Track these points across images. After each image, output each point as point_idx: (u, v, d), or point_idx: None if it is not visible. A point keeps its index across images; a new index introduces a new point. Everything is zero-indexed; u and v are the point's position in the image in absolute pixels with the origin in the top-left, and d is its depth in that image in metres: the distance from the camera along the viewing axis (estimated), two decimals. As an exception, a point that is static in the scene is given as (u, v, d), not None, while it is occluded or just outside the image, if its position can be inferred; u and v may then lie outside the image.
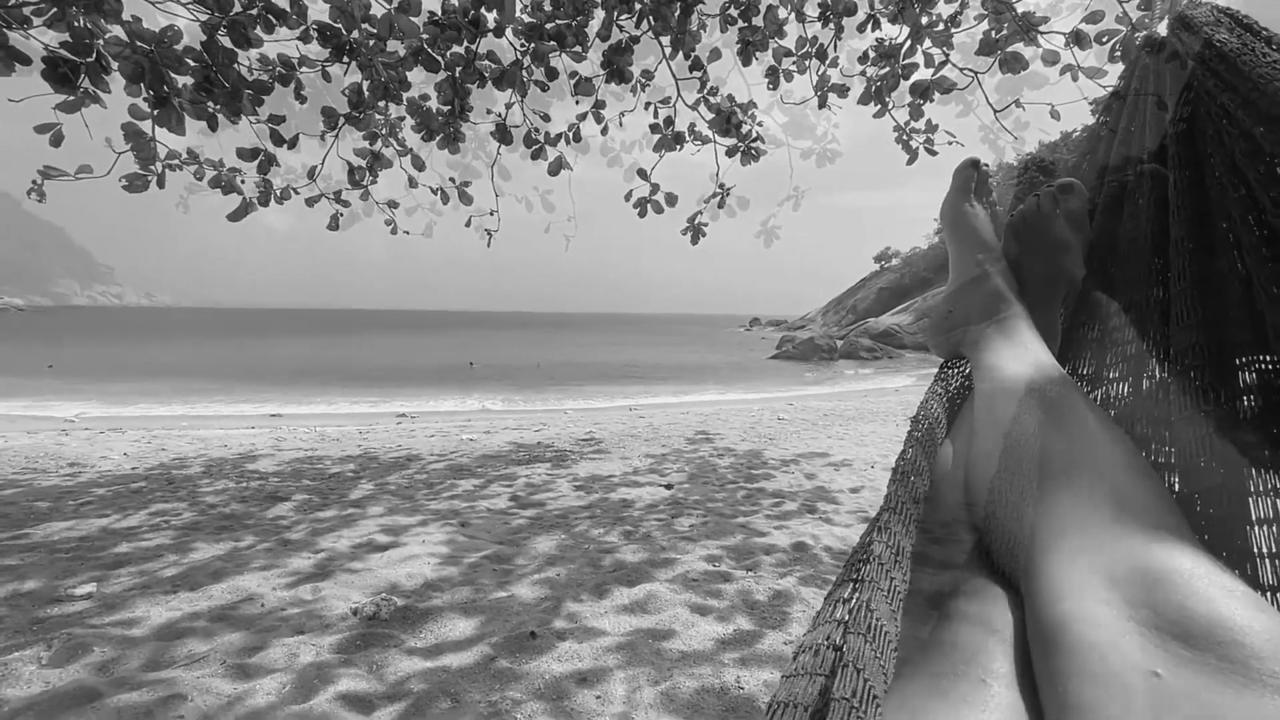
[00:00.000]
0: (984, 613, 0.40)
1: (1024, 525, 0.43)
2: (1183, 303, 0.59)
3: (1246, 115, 0.60)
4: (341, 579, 2.58)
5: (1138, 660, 0.31)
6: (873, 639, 0.32)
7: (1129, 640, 0.32)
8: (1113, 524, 0.39)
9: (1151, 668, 0.30)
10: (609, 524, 3.39)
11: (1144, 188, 0.73)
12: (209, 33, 2.78)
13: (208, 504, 3.78)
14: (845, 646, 0.32)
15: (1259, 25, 0.77)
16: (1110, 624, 0.33)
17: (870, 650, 0.32)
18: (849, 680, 0.30)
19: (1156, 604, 0.33)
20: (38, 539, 3.10)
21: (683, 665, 1.94)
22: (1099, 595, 0.35)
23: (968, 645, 0.38)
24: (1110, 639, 0.32)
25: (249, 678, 1.84)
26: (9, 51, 2.38)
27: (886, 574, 0.38)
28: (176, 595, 2.42)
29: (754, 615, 2.29)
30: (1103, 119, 0.92)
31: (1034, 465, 0.46)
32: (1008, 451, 0.49)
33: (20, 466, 4.98)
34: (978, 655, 0.37)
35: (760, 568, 2.74)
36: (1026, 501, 0.44)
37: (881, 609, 0.35)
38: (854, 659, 0.31)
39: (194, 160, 3.66)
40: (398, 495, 4.03)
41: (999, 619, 0.39)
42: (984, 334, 0.65)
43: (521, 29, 3.71)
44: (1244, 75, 0.63)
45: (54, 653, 1.96)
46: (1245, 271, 0.56)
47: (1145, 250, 0.67)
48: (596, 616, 2.27)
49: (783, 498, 3.91)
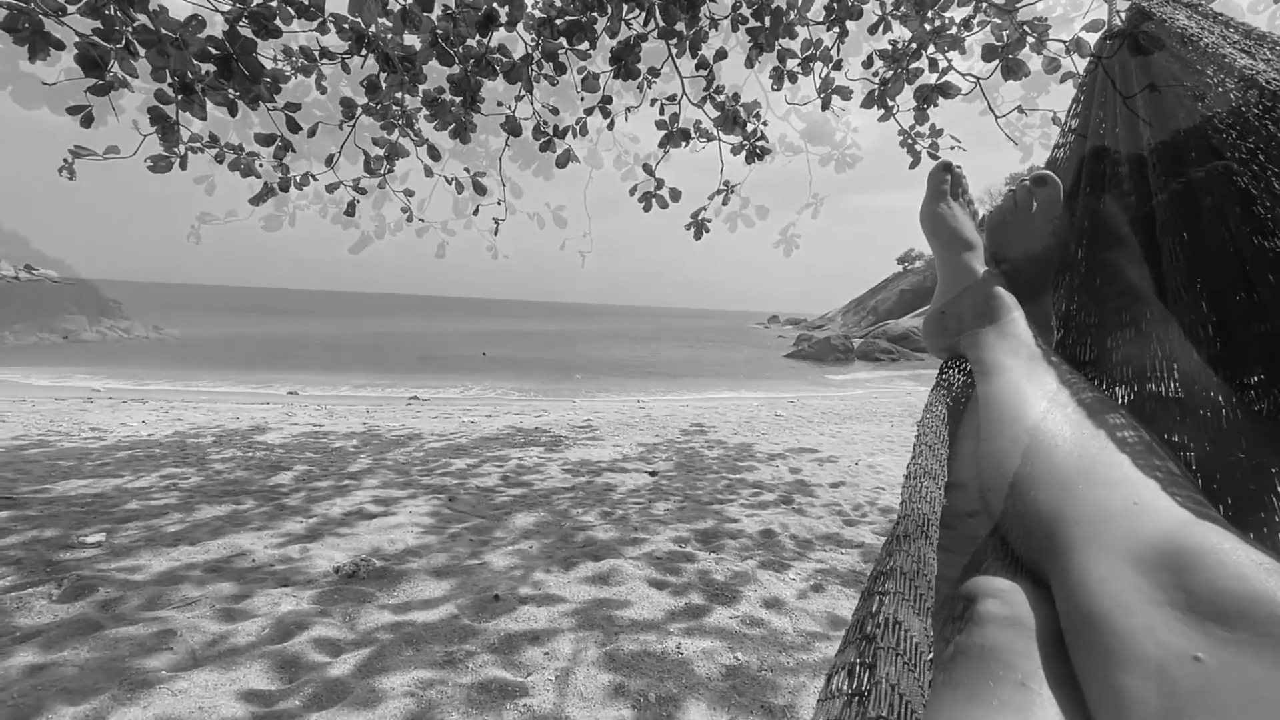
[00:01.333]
0: (1013, 613, 0.39)
1: (1043, 519, 0.43)
2: (1177, 279, 0.59)
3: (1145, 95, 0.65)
4: (329, 541, 2.77)
5: (1177, 645, 0.31)
6: (904, 653, 0.32)
7: (1166, 626, 0.32)
8: (1133, 508, 0.39)
9: (1192, 652, 0.30)
10: (590, 505, 3.55)
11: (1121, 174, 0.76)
12: (231, 23, 2.97)
13: (215, 470, 4.01)
14: (877, 664, 0.31)
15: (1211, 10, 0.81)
16: (1144, 610, 0.33)
17: (903, 664, 0.31)
18: (884, 698, 0.29)
19: (1188, 586, 0.33)
20: (57, 494, 3.34)
21: (630, 631, 2.09)
22: (1129, 582, 0.34)
23: (1001, 648, 0.37)
24: (1146, 626, 0.32)
25: (233, 621, 2.03)
26: (44, 37, 2.59)
27: (911, 584, 0.37)
28: (177, 548, 2.62)
29: (708, 592, 2.42)
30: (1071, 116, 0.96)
31: (1046, 457, 0.46)
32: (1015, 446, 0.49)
33: (46, 429, 5.28)
34: (1013, 657, 0.36)
35: (724, 550, 2.87)
36: (1042, 495, 0.44)
37: (910, 621, 0.34)
38: (887, 675, 0.30)
39: (215, 144, 3.88)
40: (394, 470, 4.23)
41: (1029, 618, 0.39)
42: (979, 332, 0.66)
43: (532, 24, 3.85)
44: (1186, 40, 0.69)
45: (63, 590, 2.16)
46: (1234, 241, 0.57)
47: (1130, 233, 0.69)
48: (560, 586, 2.42)
49: (762, 489, 4.03)
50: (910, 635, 0.33)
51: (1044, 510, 0.43)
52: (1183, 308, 0.58)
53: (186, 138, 3.60)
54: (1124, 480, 0.41)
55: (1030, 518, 0.44)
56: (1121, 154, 0.78)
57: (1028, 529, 0.44)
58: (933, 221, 0.79)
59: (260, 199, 4.10)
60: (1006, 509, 0.47)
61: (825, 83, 4.46)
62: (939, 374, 0.70)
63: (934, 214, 0.79)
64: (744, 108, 4.70)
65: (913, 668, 0.32)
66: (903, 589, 0.36)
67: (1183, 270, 0.60)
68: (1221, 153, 0.62)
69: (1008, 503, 0.47)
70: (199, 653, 1.84)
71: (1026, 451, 0.47)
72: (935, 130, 4.42)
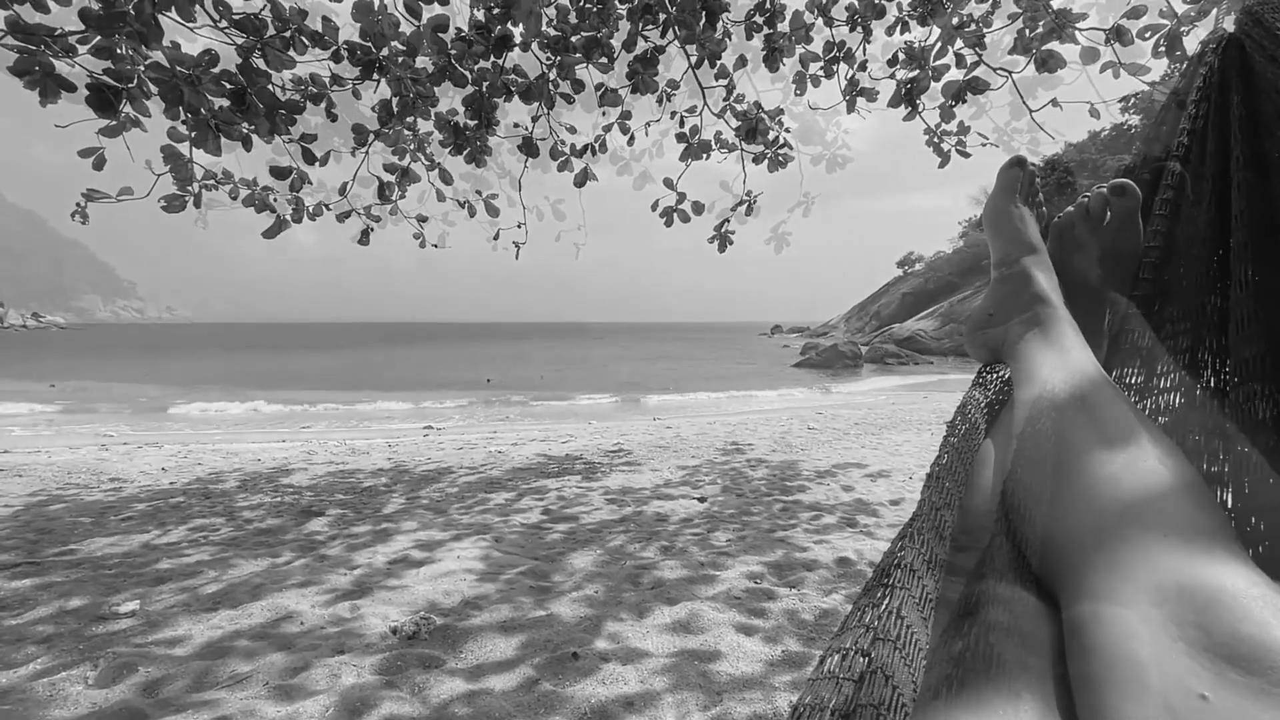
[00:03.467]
0: (1018, 624, 0.38)
1: (1065, 536, 0.41)
2: (1243, 310, 0.57)
3: None
4: (379, 596, 2.56)
5: (1185, 681, 0.30)
6: (902, 647, 0.32)
7: (1176, 660, 0.31)
8: (1161, 538, 0.37)
9: (1199, 690, 0.29)
10: (644, 539, 3.33)
11: (1204, 190, 0.69)
12: (244, 56, 2.83)
13: (244, 519, 3.81)
14: (874, 653, 0.31)
15: None
16: (1156, 641, 0.32)
17: (900, 658, 0.31)
18: (877, 688, 0.29)
19: (1207, 624, 0.31)
20: (82, 555, 3.14)
21: (733, 690, 1.87)
22: (1144, 611, 0.33)
23: (1000, 657, 0.36)
24: (1156, 657, 0.31)
25: (292, 699, 1.81)
26: (56, 80, 2.45)
27: (918, 580, 0.37)
28: (217, 613, 2.42)
29: (802, 635, 2.20)
30: (1159, 123, 0.86)
31: (1077, 475, 0.44)
32: (1048, 460, 0.47)
33: (64, 482, 5.09)
34: (1011, 667, 0.36)
35: (804, 584, 2.65)
36: (1068, 512, 0.42)
37: (912, 616, 0.34)
38: (882, 666, 0.30)
39: (229, 180, 3.74)
40: (430, 509, 4.02)
41: (1033, 631, 0.38)
42: (1025, 338, 0.63)
43: (547, 42, 3.72)
44: None
45: (100, 673, 1.96)
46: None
47: (1203, 255, 0.64)
48: (639, 637, 2.21)
49: (820, 510, 3.81)
50: (911, 630, 0.33)
51: (1065, 528, 0.42)
52: (1245, 340, 0.55)
53: (200, 175, 3.46)
54: (1155, 510, 0.39)
55: (1049, 533, 0.43)
56: (1206, 172, 0.71)
57: (1047, 545, 0.43)
58: (997, 219, 0.74)
59: (274, 232, 3.96)
60: (1026, 520, 0.45)
61: (850, 84, 4.32)
62: (977, 376, 0.67)
63: (1001, 212, 0.74)
64: (767, 115, 4.57)
65: (909, 663, 0.32)
66: (909, 584, 0.36)
67: (1251, 302, 0.56)
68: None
69: (1028, 514, 0.45)
70: (259, 743, 1.63)
71: (1056, 466, 0.45)
72: (963, 128, 4.28)
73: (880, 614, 0.34)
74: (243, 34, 2.78)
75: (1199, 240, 0.65)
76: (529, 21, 3.15)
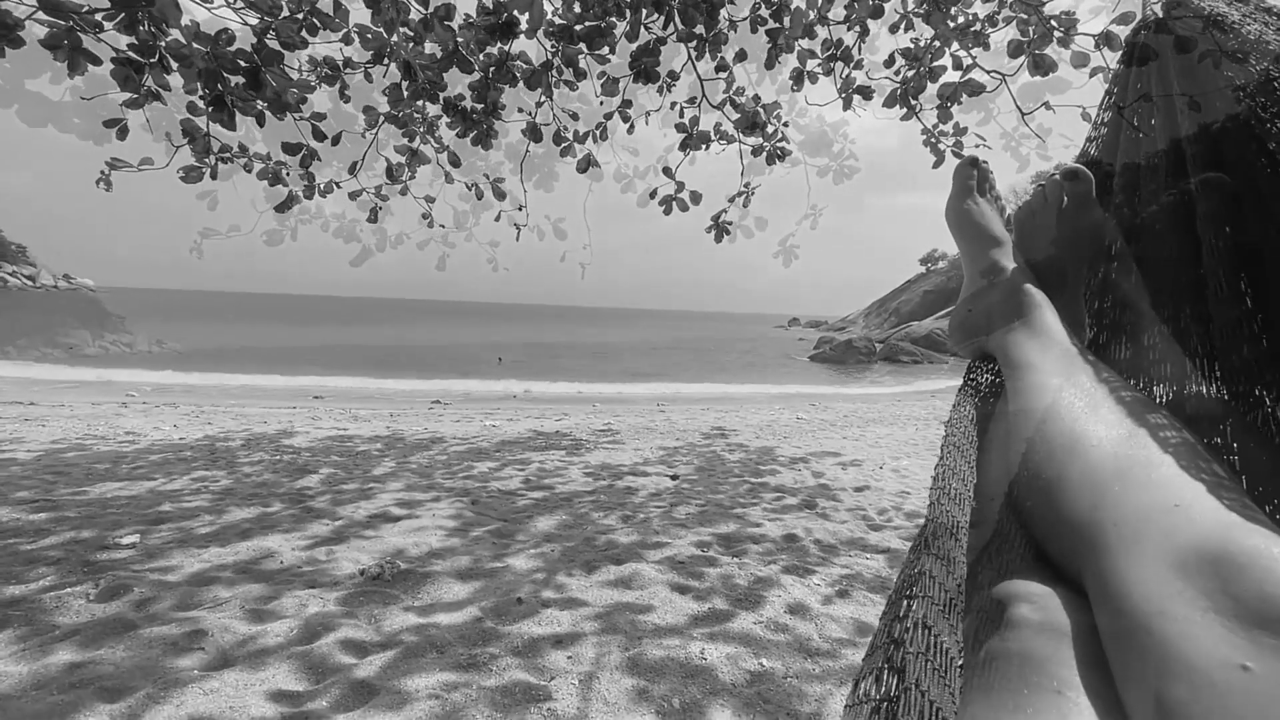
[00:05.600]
0: (1047, 619, 0.38)
1: (1078, 522, 0.41)
2: (1218, 275, 0.57)
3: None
4: (354, 544, 2.81)
5: (1224, 654, 0.30)
6: (934, 658, 0.31)
7: (1211, 633, 0.31)
8: (1175, 510, 0.37)
9: (1239, 660, 0.29)
10: (611, 508, 3.54)
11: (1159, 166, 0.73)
12: (259, 36, 3.04)
13: (244, 473, 4.09)
14: (906, 669, 0.30)
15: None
16: (1188, 617, 0.32)
17: (932, 670, 0.30)
18: (914, 705, 0.28)
19: (1235, 592, 0.31)
20: (94, 496, 3.43)
21: (654, 636, 2.07)
22: (1171, 588, 0.33)
23: (1036, 655, 0.36)
24: (1190, 633, 0.31)
25: (262, 621, 2.06)
26: (83, 53, 2.67)
27: (940, 587, 0.36)
28: (207, 550, 2.68)
29: (731, 597, 2.40)
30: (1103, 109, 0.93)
31: (1080, 457, 0.44)
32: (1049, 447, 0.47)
33: (84, 433, 5.44)
34: (1048, 664, 0.35)
35: (747, 555, 2.84)
36: (1077, 497, 0.42)
37: (940, 625, 0.33)
38: (916, 682, 0.29)
39: (244, 153, 3.97)
40: (417, 473, 4.27)
41: (1064, 624, 0.37)
42: (1008, 330, 0.64)
43: (552, 30, 3.87)
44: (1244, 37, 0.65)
45: (99, 590, 2.22)
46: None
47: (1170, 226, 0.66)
48: (582, 589, 2.42)
49: (784, 493, 3.99)
50: (940, 640, 0.32)
51: (1079, 513, 0.41)
52: (1224, 304, 0.56)
53: (216, 148, 3.69)
54: (1165, 482, 0.40)
55: (1064, 521, 0.42)
56: (1158, 147, 0.76)
57: (1062, 532, 0.43)
58: (959, 217, 0.77)
59: (286, 206, 4.18)
60: (1037, 511, 0.45)
61: (846, 83, 4.42)
62: (966, 374, 0.69)
63: (960, 210, 0.77)
64: (764, 109, 4.68)
65: (943, 674, 0.31)
66: (932, 593, 0.35)
67: (1224, 265, 0.57)
68: (1265, 142, 0.60)
69: (1038, 505, 0.45)
70: (229, 653, 1.87)
71: (1060, 451, 0.46)
72: (959, 129, 4.36)
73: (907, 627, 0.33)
74: (257, 14, 2.98)
75: (1161, 215, 0.67)
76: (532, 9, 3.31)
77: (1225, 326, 0.56)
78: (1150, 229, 0.70)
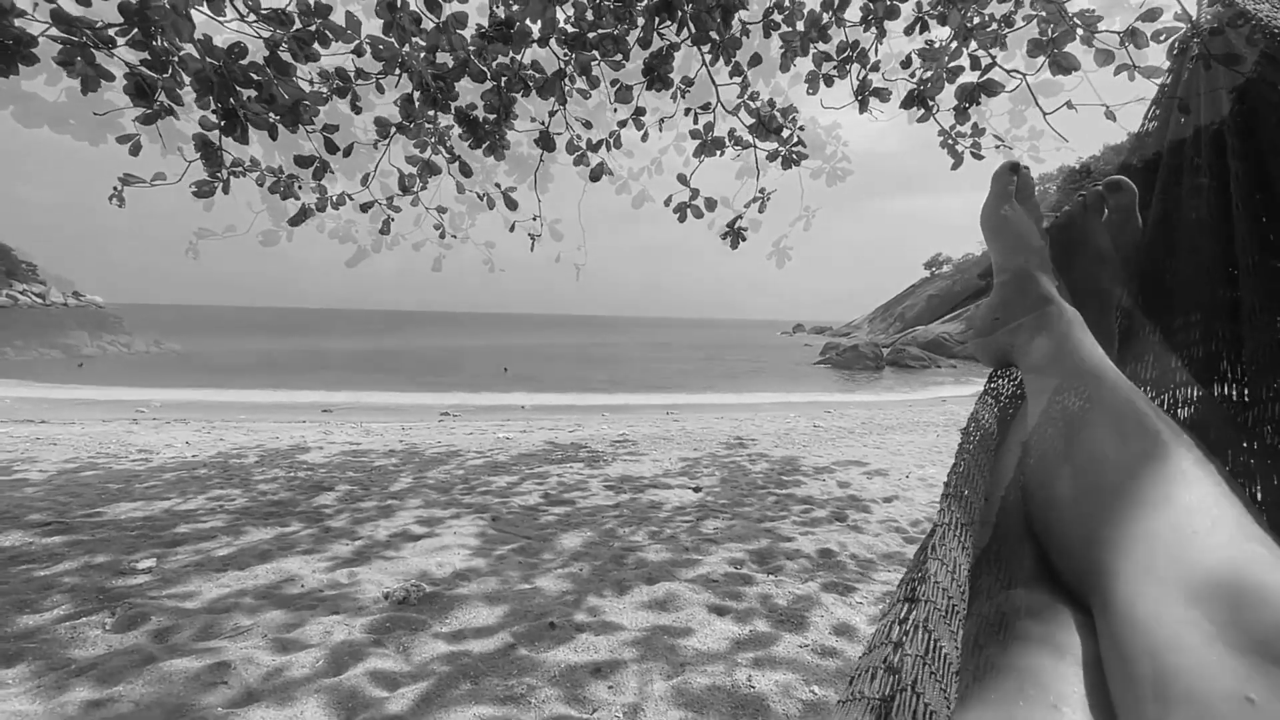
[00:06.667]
0: (1051, 634, 0.37)
1: (1088, 540, 0.40)
2: (1254, 298, 0.55)
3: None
4: (377, 565, 2.71)
5: (1229, 685, 0.29)
6: (932, 662, 0.31)
7: (1219, 663, 0.30)
8: (1190, 536, 0.36)
9: (1245, 693, 0.28)
10: (636, 524, 3.44)
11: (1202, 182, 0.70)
12: (272, 48, 2.99)
13: (259, 491, 4.00)
14: (903, 670, 0.30)
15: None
16: (1195, 646, 0.31)
17: (929, 674, 0.30)
18: (908, 705, 0.28)
19: (1246, 623, 0.31)
20: (108, 517, 3.36)
21: (696, 662, 1.97)
22: (1180, 614, 0.32)
23: (1036, 669, 0.35)
24: (1196, 662, 0.30)
25: (287, 651, 1.96)
26: (97, 70, 2.62)
27: (944, 593, 0.36)
28: (226, 573, 2.59)
29: (772, 618, 2.29)
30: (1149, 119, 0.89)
31: (1097, 475, 0.43)
32: (1067, 462, 0.46)
33: (96, 451, 5.37)
34: (1047, 680, 0.35)
35: (783, 572, 2.74)
36: (1092, 515, 0.42)
37: (940, 630, 0.33)
38: (913, 683, 0.29)
39: (256, 167, 3.92)
40: (435, 489, 4.18)
41: (1067, 640, 0.37)
42: (1034, 340, 0.62)
43: (565, 38, 3.82)
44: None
45: (117, 619, 2.13)
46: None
47: (1208, 245, 0.64)
48: (616, 612, 2.32)
49: (813, 504, 3.88)
50: (940, 645, 0.32)
51: (1089, 531, 0.40)
52: (1259, 328, 0.54)
53: (229, 162, 3.65)
54: (1181, 506, 0.38)
55: (1074, 536, 0.42)
56: (1202, 164, 0.72)
57: (1070, 547, 0.42)
58: (995, 222, 0.74)
59: (299, 220, 4.13)
60: (1050, 526, 0.45)
61: (862, 84, 4.35)
62: (987, 382, 0.67)
63: (997, 215, 0.74)
64: (780, 113, 4.61)
65: (940, 678, 0.31)
66: (935, 597, 0.35)
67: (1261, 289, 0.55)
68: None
69: (1051, 519, 0.45)
70: (255, 687, 1.78)
71: (1075, 467, 0.45)
72: (977, 130, 4.27)
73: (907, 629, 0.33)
74: (269, 27, 2.93)
75: (1202, 231, 0.65)
76: (544, 17, 3.26)
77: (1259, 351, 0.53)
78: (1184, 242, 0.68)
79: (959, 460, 0.49)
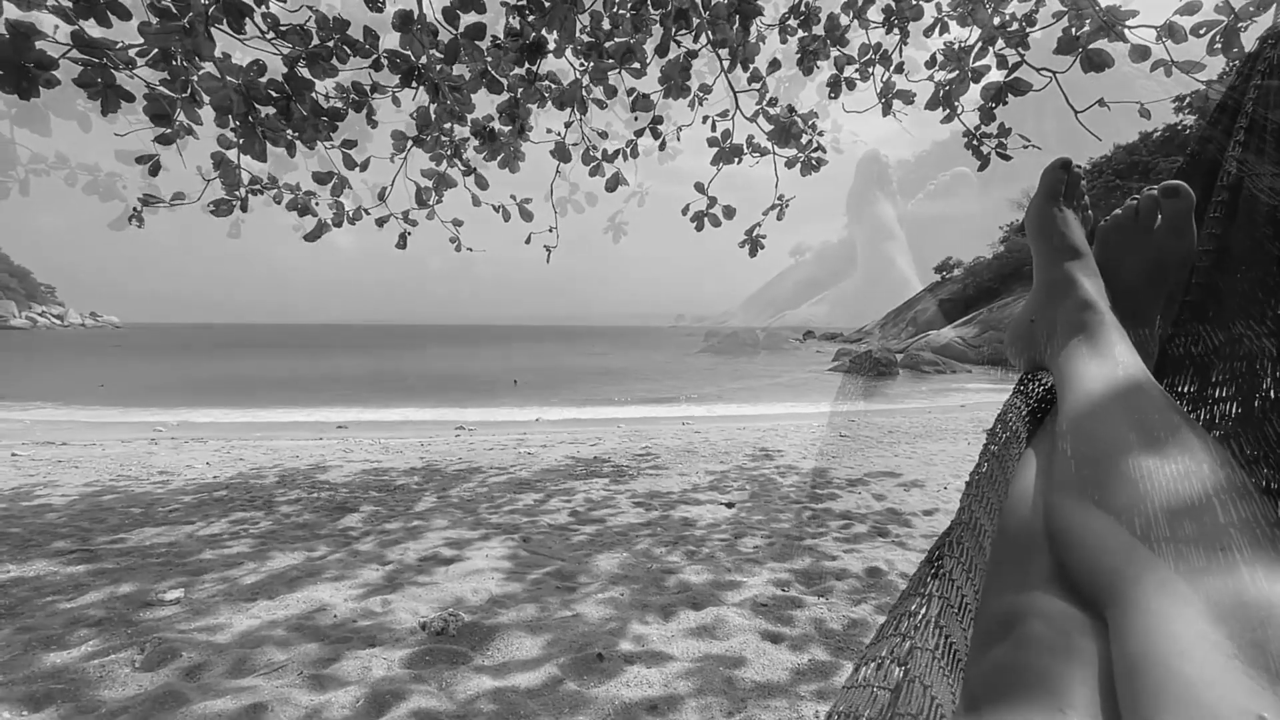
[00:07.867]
0: (1062, 638, 0.37)
1: (1112, 551, 0.40)
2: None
3: None
4: (409, 592, 2.61)
5: (1241, 702, 0.28)
6: (940, 656, 0.31)
7: (1232, 679, 0.29)
8: (1216, 552, 0.35)
9: (1256, 710, 0.28)
10: (670, 543, 3.33)
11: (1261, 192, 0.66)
12: (290, 65, 2.94)
13: (283, 514, 3.92)
14: (911, 662, 0.30)
15: None
16: (1209, 660, 0.30)
17: (938, 668, 0.30)
18: (915, 697, 0.28)
19: (1263, 641, 0.30)
20: (132, 543, 3.28)
21: (757, 696, 1.85)
22: (1197, 629, 0.32)
23: (1043, 672, 0.35)
24: (1209, 676, 0.30)
25: (325, 689, 1.86)
26: (117, 90, 2.58)
27: (957, 590, 0.36)
28: (256, 603, 2.50)
29: (830, 645, 2.17)
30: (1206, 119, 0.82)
31: (1126, 485, 0.42)
32: (1094, 470, 0.45)
33: (116, 474, 5.33)
34: (1055, 683, 0.34)
35: (833, 594, 2.61)
36: (1115, 526, 0.41)
37: (951, 626, 0.33)
38: (920, 675, 0.29)
39: (274, 184, 3.88)
40: (460, 508, 4.08)
41: (1078, 646, 0.37)
42: (1070, 345, 0.60)
43: (581, 48, 3.76)
44: None
45: (146, 656, 2.04)
46: None
47: (1262, 260, 0.61)
48: (664, 640, 2.20)
49: (851, 519, 3.75)
50: (950, 640, 0.33)
51: (1114, 542, 0.39)
52: None
53: (247, 180, 3.60)
54: (1211, 523, 0.37)
55: (1098, 548, 0.41)
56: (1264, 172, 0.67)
57: (1092, 558, 0.41)
58: (1041, 222, 0.71)
59: (315, 235, 4.08)
60: (1070, 532, 0.43)
61: (886, 87, 4.26)
62: (1018, 384, 0.66)
63: (1044, 214, 0.71)
64: (800, 119, 4.52)
65: (948, 673, 0.31)
66: (948, 594, 0.35)
67: None
68: None
69: (1073, 525, 0.44)
70: (293, 730, 1.68)
71: (1103, 476, 0.43)
72: (1004, 130, 4.17)
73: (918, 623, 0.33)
74: (289, 44, 2.88)
75: (1258, 244, 0.62)
76: (563, 28, 3.20)
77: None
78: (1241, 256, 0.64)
79: (982, 461, 0.49)
